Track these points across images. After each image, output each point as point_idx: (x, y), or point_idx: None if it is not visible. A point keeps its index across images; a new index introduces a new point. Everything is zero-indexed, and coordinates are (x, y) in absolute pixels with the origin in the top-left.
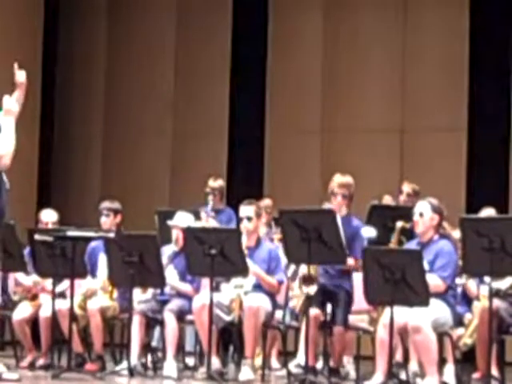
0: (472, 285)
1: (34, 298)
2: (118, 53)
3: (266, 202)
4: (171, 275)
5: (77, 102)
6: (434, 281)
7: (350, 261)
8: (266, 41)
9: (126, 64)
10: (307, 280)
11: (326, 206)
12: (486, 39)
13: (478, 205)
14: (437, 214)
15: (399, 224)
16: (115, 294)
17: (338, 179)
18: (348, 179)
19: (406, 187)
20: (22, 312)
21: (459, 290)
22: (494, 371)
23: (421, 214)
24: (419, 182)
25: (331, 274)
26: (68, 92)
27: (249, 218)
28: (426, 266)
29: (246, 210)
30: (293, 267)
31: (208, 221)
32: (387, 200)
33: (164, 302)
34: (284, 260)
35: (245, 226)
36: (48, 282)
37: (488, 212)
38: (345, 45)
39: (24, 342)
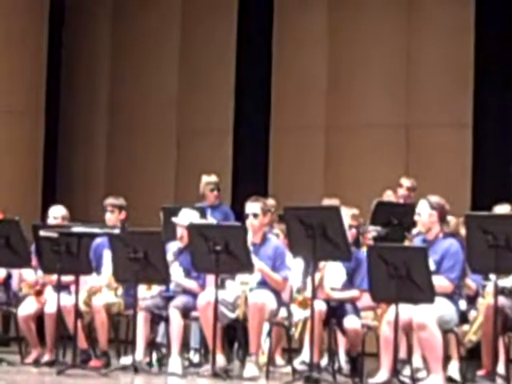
0: (470, 282)
1: (39, 293)
2: (122, 50)
3: (270, 201)
4: (176, 272)
5: (81, 99)
6: (442, 282)
7: (355, 292)
8: (271, 38)
9: (131, 61)
10: (302, 304)
11: (326, 202)
12: (491, 34)
13: (483, 201)
14: (435, 210)
15: (415, 231)
16: (120, 290)
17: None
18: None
19: (406, 182)
20: (28, 308)
21: None
22: (501, 368)
23: (419, 214)
24: (424, 178)
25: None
26: (73, 89)
27: (255, 215)
28: (432, 265)
29: (253, 206)
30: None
31: None
32: (389, 195)
33: (169, 299)
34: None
35: (251, 222)
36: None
37: (503, 208)
38: (349, 42)
39: (29, 338)
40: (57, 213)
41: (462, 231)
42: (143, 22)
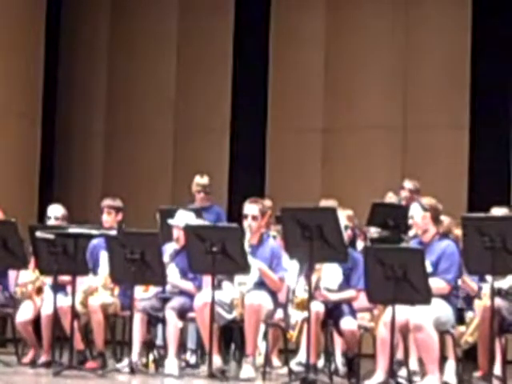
0: (470, 282)
1: (39, 291)
2: (120, 49)
3: (266, 202)
4: (173, 273)
5: (78, 99)
6: (439, 284)
7: (351, 292)
8: (268, 38)
9: (128, 61)
10: (300, 305)
11: (323, 203)
12: (489, 36)
13: (480, 203)
14: (427, 212)
15: (411, 233)
16: (116, 291)
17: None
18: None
19: (408, 184)
20: (25, 314)
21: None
22: (498, 370)
23: (412, 217)
24: (421, 179)
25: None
26: (70, 89)
27: (253, 217)
28: (428, 266)
29: (251, 208)
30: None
31: None
32: (391, 197)
33: (165, 300)
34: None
35: (249, 224)
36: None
37: (500, 211)
38: (346, 42)
39: (28, 340)
40: (57, 212)
41: (457, 231)
42: (141, 21)
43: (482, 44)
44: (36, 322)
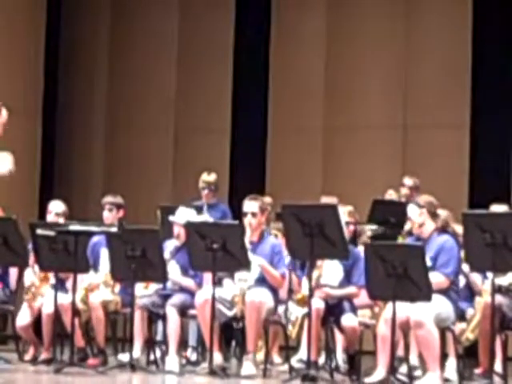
0: (477, 278)
1: (46, 279)
2: (121, 48)
3: (267, 199)
4: (173, 270)
5: (80, 98)
6: (438, 278)
7: (352, 289)
8: (269, 38)
9: (129, 60)
10: (301, 301)
11: (324, 199)
12: (489, 35)
13: (481, 201)
14: (423, 208)
15: (407, 227)
16: (117, 288)
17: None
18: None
19: (408, 181)
20: (24, 318)
21: (462, 283)
22: (498, 367)
23: (410, 218)
24: (422, 178)
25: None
26: (70, 87)
27: (253, 214)
28: (428, 262)
29: (251, 205)
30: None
31: None
32: (391, 194)
33: (166, 297)
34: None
35: (249, 221)
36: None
37: (500, 208)
38: (347, 42)
39: (29, 341)
40: (58, 208)
41: (458, 229)
42: (141, 21)
43: (483, 43)
44: (36, 320)
